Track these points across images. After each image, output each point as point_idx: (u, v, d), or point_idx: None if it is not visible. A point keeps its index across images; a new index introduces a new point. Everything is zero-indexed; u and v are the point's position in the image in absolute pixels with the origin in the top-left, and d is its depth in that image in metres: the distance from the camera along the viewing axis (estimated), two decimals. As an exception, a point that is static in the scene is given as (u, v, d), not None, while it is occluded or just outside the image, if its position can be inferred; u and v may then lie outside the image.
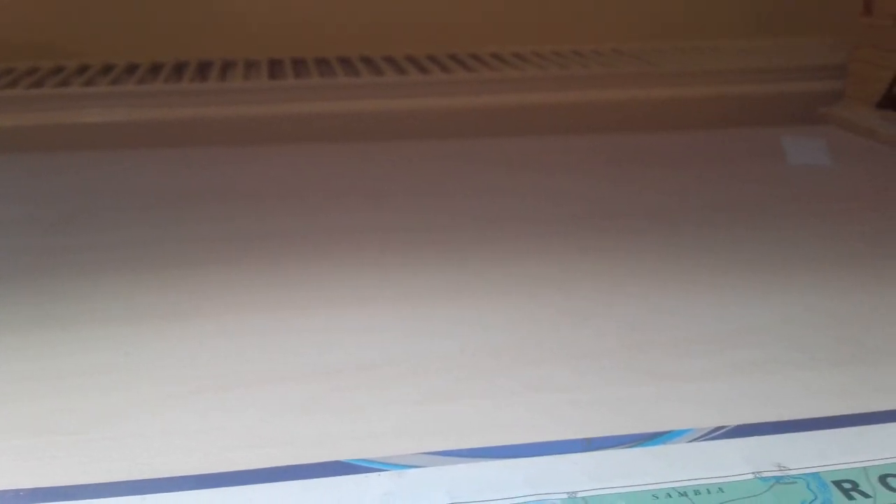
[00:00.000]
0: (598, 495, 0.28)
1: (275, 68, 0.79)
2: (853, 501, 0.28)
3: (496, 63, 0.80)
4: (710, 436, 0.31)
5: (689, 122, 0.76)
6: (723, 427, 0.32)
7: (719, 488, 0.29)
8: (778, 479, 0.29)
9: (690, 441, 0.31)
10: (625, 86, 0.76)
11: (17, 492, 0.30)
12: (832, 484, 0.29)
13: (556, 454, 0.30)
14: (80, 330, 0.41)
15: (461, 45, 0.86)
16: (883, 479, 0.29)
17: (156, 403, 0.35)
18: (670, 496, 0.28)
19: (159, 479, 0.31)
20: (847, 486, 0.29)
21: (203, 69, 0.78)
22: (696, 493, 0.28)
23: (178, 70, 0.77)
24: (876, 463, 0.30)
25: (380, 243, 0.50)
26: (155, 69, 0.77)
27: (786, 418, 0.32)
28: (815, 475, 0.29)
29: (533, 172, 0.63)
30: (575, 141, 0.72)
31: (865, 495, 0.28)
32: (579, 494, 0.28)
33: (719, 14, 0.91)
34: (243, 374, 0.37)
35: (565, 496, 0.28)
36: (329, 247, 0.50)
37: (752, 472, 0.29)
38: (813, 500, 0.28)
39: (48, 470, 0.31)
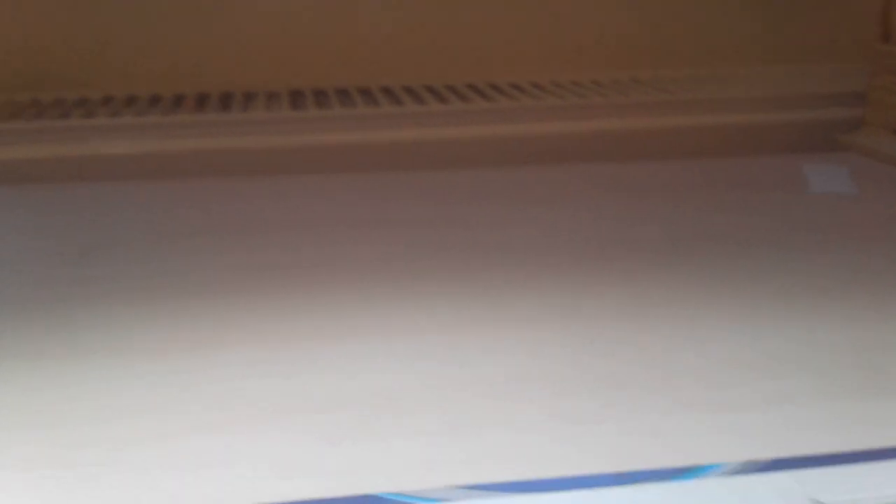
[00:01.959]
0: (631, 530, 0.28)
1: (296, 99, 0.79)
2: (889, 537, 0.28)
3: (514, 92, 0.80)
4: (743, 470, 0.31)
5: (708, 150, 0.76)
6: (756, 461, 0.31)
7: (753, 523, 0.28)
8: (812, 514, 0.29)
9: (723, 475, 0.31)
10: (643, 114, 0.76)
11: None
12: (868, 519, 0.28)
13: (587, 488, 0.30)
14: (103, 362, 0.41)
15: (479, 74, 0.87)
16: (919, 514, 0.29)
17: (182, 435, 0.35)
18: (704, 531, 0.28)
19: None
20: (883, 520, 0.28)
21: (225, 100, 0.79)
22: (730, 528, 0.28)
23: (201, 101, 0.78)
24: (912, 497, 0.29)
25: (401, 273, 0.50)
26: (178, 100, 0.78)
27: (819, 451, 0.32)
28: (851, 510, 0.29)
29: (552, 201, 0.63)
30: (594, 169, 0.72)
31: (902, 530, 0.28)
32: (613, 530, 0.28)
33: (737, 41, 0.91)
34: (268, 405, 0.37)
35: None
36: (351, 277, 0.50)
37: (786, 507, 0.29)
38: (848, 536, 0.28)
39: (81, 498, 0.31)
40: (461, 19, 0.87)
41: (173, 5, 0.82)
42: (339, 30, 0.85)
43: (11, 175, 0.66)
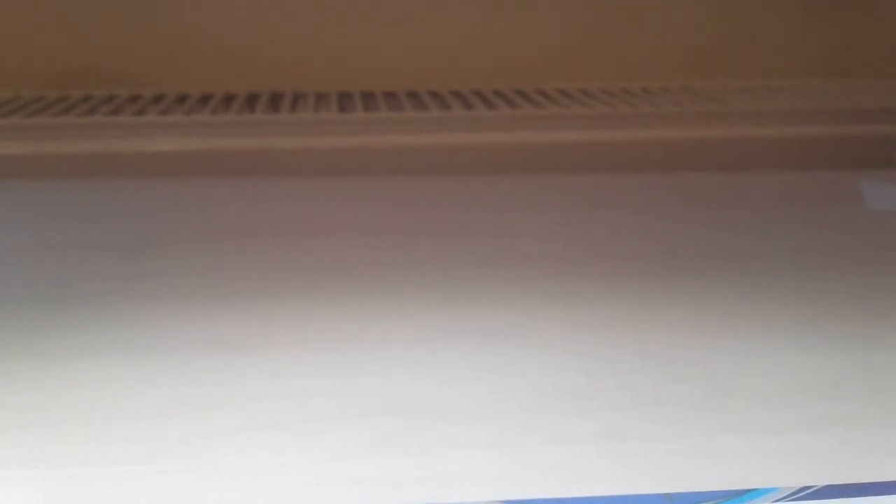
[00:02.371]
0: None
1: (344, 101, 0.79)
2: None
3: (563, 99, 0.80)
4: (797, 496, 0.30)
5: (758, 163, 0.75)
6: (809, 487, 0.31)
7: (806, 552, 0.28)
8: (867, 545, 0.28)
9: (776, 501, 0.30)
10: (693, 125, 0.75)
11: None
12: (925, 551, 0.28)
13: (634, 508, 0.30)
14: (151, 359, 0.41)
15: (528, 80, 0.86)
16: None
17: (227, 437, 0.35)
18: (755, 558, 0.27)
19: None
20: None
21: (274, 100, 0.79)
22: (783, 556, 0.27)
23: (251, 101, 0.78)
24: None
25: (446, 280, 0.50)
26: (228, 99, 0.79)
27: (873, 479, 0.31)
28: (907, 541, 0.28)
29: (600, 211, 0.63)
30: (643, 180, 0.71)
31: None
32: (661, 553, 0.28)
33: (792, 52, 0.90)
34: (311, 409, 0.37)
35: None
36: (397, 281, 0.50)
37: (840, 536, 0.28)
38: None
39: (119, 500, 0.31)
40: (513, 24, 0.87)
41: (226, 4, 0.82)
42: (391, 32, 0.85)
43: (59, 170, 0.67)
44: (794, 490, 0.31)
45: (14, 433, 0.35)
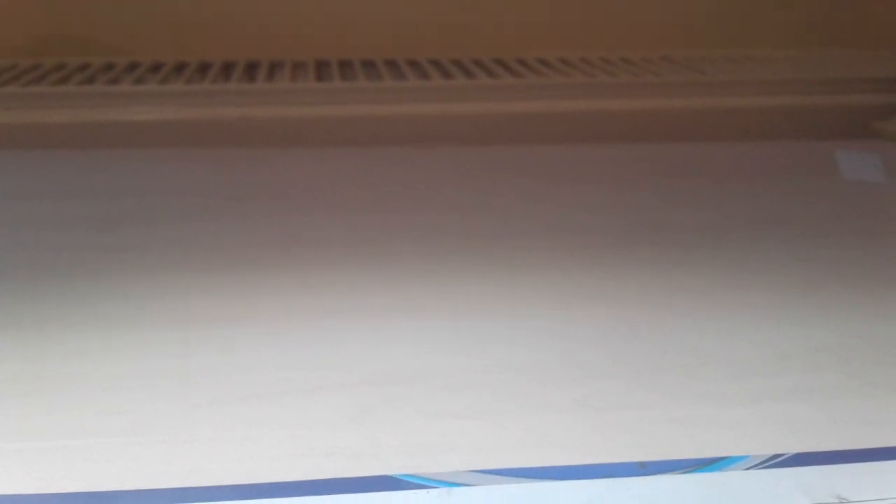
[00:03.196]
0: (652, 522, 0.28)
1: (321, 70, 0.79)
2: (916, 537, 0.27)
3: (542, 69, 0.79)
4: (768, 464, 0.30)
5: (739, 133, 0.75)
6: (780, 455, 0.31)
7: (777, 519, 0.28)
8: (837, 512, 0.28)
9: (747, 469, 0.30)
10: (674, 95, 0.75)
11: (63, 496, 0.31)
12: (894, 518, 0.28)
13: (609, 477, 0.30)
14: (130, 332, 0.41)
15: (508, 50, 0.86)
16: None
17: (206, 408, 0.35)
18: (727, 525, 0.28)
19: (210, 487, 0.31)
20: (910, 520, 0.28)
21: (250, 69, 0.78)
22: (754, 523, 0.28)
23: (226, 70, 0.78)
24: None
25: (427, 252, 0.50)
26: (203, 68, 0.78)
27: (845, 447, 0.31)
28: (877, 508, 0.28)
29: (579, 182, 0.63)
30: (621, 150, 0.71)
31: (929, 531, 0.27)
32: (634, 520, 0.28)
33: (771, 23, 0.90)
34: (291, 381, 0.37)
35: (620, 522, 0.28)
36: (378, 254, 0.50)
37: (811, 503, 0.29)
38: (874, 535, 0.27)
39: (97, 472, 0.31)
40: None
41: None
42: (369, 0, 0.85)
43: (32, 140, 0.66)
44: (765, 458, 0.31)
45: None
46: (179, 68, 0.78)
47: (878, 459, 0.31)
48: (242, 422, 0.34)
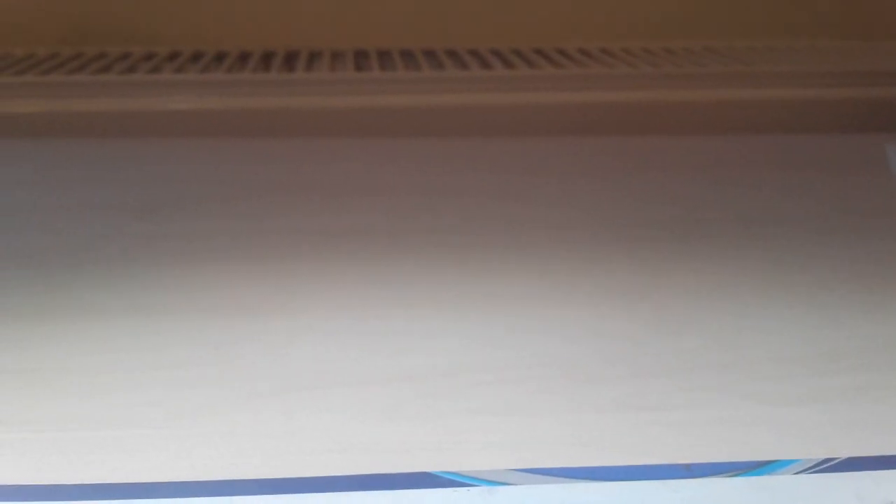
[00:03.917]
0: (699, 526, 0.27)
1: (360, 59, 0.78)
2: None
3: (583, 58, 0.79)
4: (819, 468, 0.30)
5: (783, 125, 0.73)
6: (832, 459, 0.30)
7: (827, 525, 0.27)
8: (890, 518, 0.27)
9: (797, 473, 0.30)
10: (716, 86, 0.74)
11: (97, 486, 0.31)
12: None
13: (654, 479, 0.29)
14: (168, 321, 0.41)
15: (548, 39, 0.85)
16: None
17: (243, 401, 0.35)
18: (775, 531, 0.27)
19: (246, 480, 0.31)
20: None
21: (290, 59, 0.78)
22: (803, 529, 0.27)
23: (266, 59, 0.77)
24: None
25: (465, 244, 0.49)
26: (243, 58, 0.78)
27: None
28: (931, 516, 0.28)
29: (615, 174, 0.61)
30: (659, 142, 0.69)
31: None
32: (680, 524, 0.28)
33: (817, 13, 0.88)
34: (328, 374, 0.37)
35: (665, 525, 0.27)
36: (414, 246, 0.49)
37: (863, 510, 0.28)
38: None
39: (135, 465, 0.31)
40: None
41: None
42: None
43: (73, 128, 0.66)
44: (816, 462, 0.30)
45: (26, 395, 0.35)
46: (219, 57, 0.78)
47: None
48: (279, 415, 0.34)
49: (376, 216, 0.53)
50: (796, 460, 0.30)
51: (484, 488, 0.30)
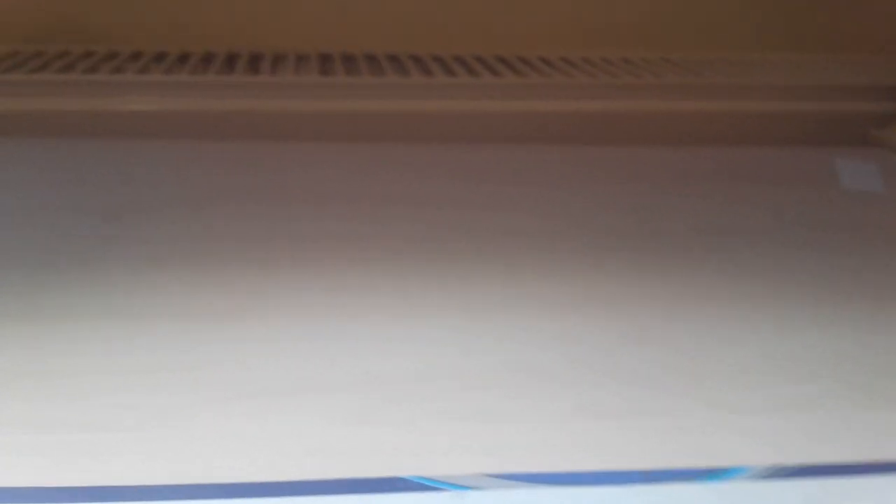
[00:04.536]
0: (658, 530, 0.28)
1: (325, 63, 0.79)
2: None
3: (545, 68, 0.80)
4: (770, 475, 0.31)
5: (735, 137, 0.75)
6: (783, 466, 0.31)
7: (780, 530, 0.28)
8: (839, 524, 0.29)
9: (749, 479, 0.31)
10: (671, 97, 0.75)
11: (72, 489, 0.31)
12: (895, 532, 0.29)
13: (614, 485, 0.31)
14: (136, 325, 0.41)
15: (510, 48, 0.86)
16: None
17: (212, 406, 0.35)
18: (731, 535, 0.28)
19: (218, 484, 0.31)
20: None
21: (254, 61, 0.78)
22: (757, 533, 0.28)
23: (230, 61, 0.78)
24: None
25: (431, 252, 0.50)
26: (207, 59, 0.78)
27: (847, 460, 0.32)
28: (878, 521, 0.29)
29: (581, 183, 0.63)
30: (619, 153, 0.71)
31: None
32: (640, 528, 0.29)
33: (770, 27, 0.90)
34: (297, 379, 0.37)
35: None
36: (380, 252, 0.50)
37: (813, 514, 0.29)
38: (875, 548, 0.28)
39: (106, 468, 0.32)
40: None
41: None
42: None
43: (36, 128, 0.66)
44: (767, 469, 0.31)
45: None
46: (183, 58, 0.77)
47: (880, 473, 0.31)
48: (250, 419, 0.35)
49: (342, 223, 0.54)
50: (748, 467, 0.31)
51: (454, 492, 0.31)
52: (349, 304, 0.44)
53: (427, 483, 0.31)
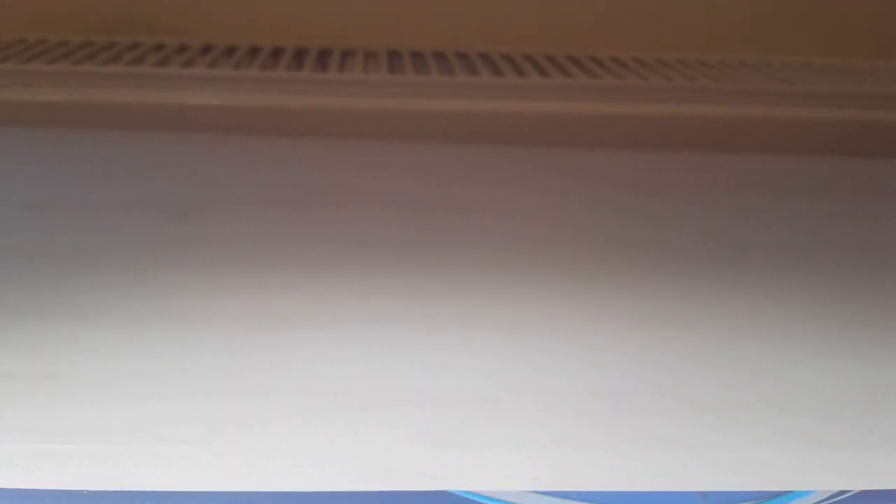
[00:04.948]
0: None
1: (393, 60, 0.78)
2: None
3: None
4: (833, 499, 0.30)
5: (806, 146, 0.72)
6: (846, 492, 0.30)
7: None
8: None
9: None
10: (748, 102, 0.73)
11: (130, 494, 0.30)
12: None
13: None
14: (197, 328, 0.39)
15: (576, 47, 0.85)
16: None
17: (271, 417, 0.33)
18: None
19: (254, 493, 0.30)
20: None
21: (323, 57, 0.78)
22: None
23: (298, 56, 0.78)
24: None
25: (499, 259, 0.48)
26: (276, 53, 0.78)
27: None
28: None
29: (643, 191, 0.60)
30: (679, 159, 0.68)
31: None
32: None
33: (853, 30, 0.87)
34: (360, 392, 0.35)
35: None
36: (452, 258, 0.48)
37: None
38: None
39: (160, 478, 0.30)
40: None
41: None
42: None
43: (104, 120, 0.66)
44: (830, 494, 0.30)
45: (42, 403, 0.34)
46: (253, 52, 0.78)
47: None
48: (307, 434, 0.33)
49: (411, 226, 0.52)
50: (811, 491, 0.30)
51: (500, 508, 0.30)
52: (412, 315, 0.42)
53: (475, 499, 0.30)
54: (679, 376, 0.38)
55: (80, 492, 0.30)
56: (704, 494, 0.30)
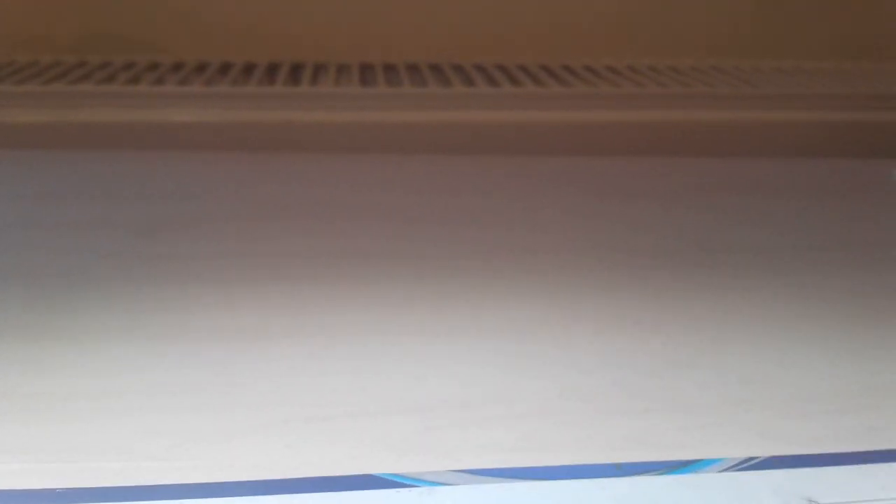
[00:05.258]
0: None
1: (365, 73, 0.79)
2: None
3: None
4: (740, 466, 0.30)
5: (790, 148, 0.72)
6: (753, 458, 0.30)
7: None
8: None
9: (720, 471, 0.30)
10: (724, 107, 0.73)
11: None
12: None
13: (585, 478, 0.29)
14: (169, 345, 0.39)
15: (554, 56, 0.85)
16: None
17: (245, 431, 0.34)
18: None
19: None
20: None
21: (295, 71, 0.78)
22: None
23: (270, 71, 0.78)
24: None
25: (476, 270, 0.48)
26: (248, 69, 0.78)
27: (817, 451, 0.31)
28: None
29: (622, 198, 0.60)
30: (666, 164, 0.68)
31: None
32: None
33: (826, 34, 0.87)
34: (335, 404, 0.35)
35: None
36: (421, 271, 0.48)
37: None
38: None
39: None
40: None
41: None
42: (416, 3, 0.84)
43: (74, 139, 0.67)
44: (738, 461, 0.30)
45: (19, 423, 0.34)
46: (224, 69, 0.78)
47: (847, 463, 0.30)
48: (282, 447, 0.33)
49: (381, 239, 0.52)
50: (720, 459, 0.30)
51: (424, 489, 0.30)
52: (381, 325, 0.42)
53: (396, 479, 0.30)
54: (650, 378, 0.38)
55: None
56: (619, 465, 0.30)
